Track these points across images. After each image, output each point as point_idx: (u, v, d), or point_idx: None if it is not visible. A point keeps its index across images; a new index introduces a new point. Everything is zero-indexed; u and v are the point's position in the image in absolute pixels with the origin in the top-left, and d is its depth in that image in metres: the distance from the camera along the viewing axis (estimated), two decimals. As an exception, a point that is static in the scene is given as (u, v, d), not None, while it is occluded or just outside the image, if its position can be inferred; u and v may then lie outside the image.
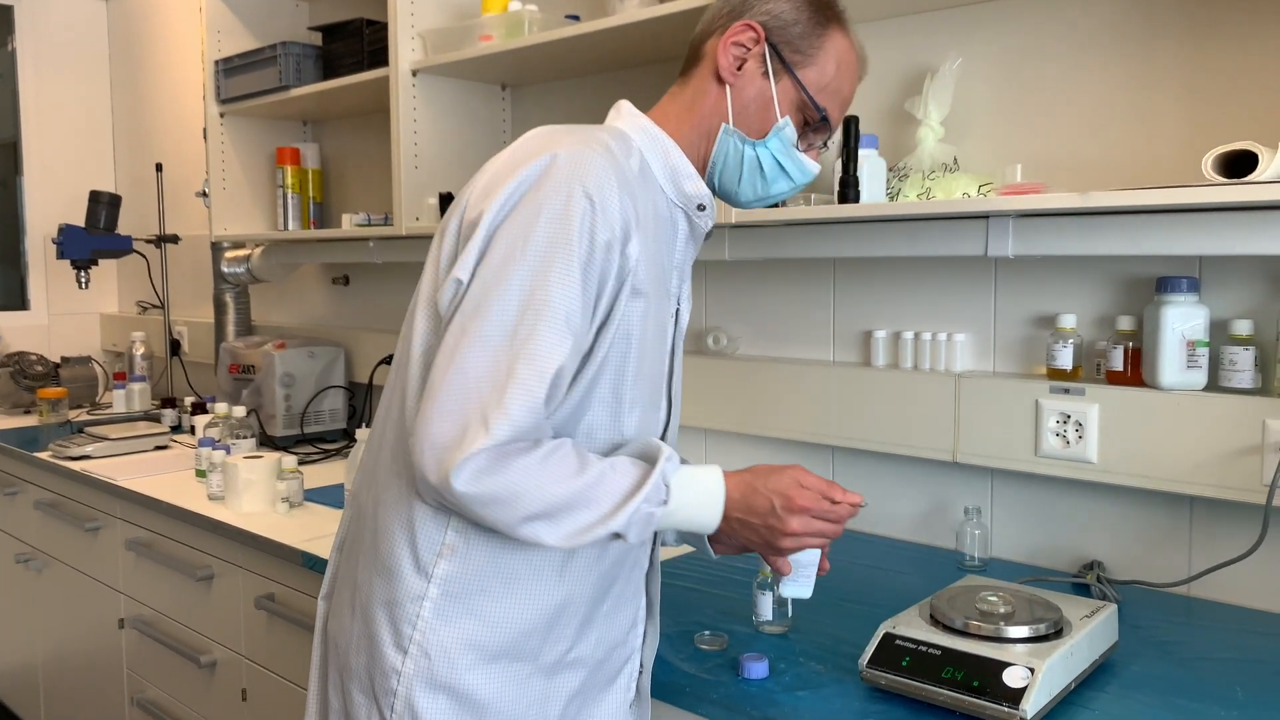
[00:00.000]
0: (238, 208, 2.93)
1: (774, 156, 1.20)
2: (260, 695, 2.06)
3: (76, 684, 2.75)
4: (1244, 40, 1.48)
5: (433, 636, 1.09)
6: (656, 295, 1.14)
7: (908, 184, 1.70)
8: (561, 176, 1.05)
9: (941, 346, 1.78)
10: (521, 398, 1.00)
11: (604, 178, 1.05)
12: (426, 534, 1.10)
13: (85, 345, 3.91)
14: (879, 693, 1.22)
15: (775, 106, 1.18)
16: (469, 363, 1.01)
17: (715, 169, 1.22)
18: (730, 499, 1.12)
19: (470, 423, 0.99)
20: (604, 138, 1.12)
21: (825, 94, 1.20)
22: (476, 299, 1.03)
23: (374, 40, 2.43)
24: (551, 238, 1.03)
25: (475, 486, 0.99)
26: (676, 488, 1.08)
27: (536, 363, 1.01)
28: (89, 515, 2.56)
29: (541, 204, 1.04)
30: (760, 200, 1.24)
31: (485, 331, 1.01)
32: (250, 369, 2.77)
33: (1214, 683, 1.26)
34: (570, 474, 1.03)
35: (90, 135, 3.93)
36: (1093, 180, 1.62)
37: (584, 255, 1.03)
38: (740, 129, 1.19)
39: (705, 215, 1.21)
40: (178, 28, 3.57)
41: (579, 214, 1.03)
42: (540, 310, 1.01)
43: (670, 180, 1.19)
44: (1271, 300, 1.49)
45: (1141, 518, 1.62)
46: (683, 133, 1.20)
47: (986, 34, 1.72)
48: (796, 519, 1.12)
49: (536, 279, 1.02)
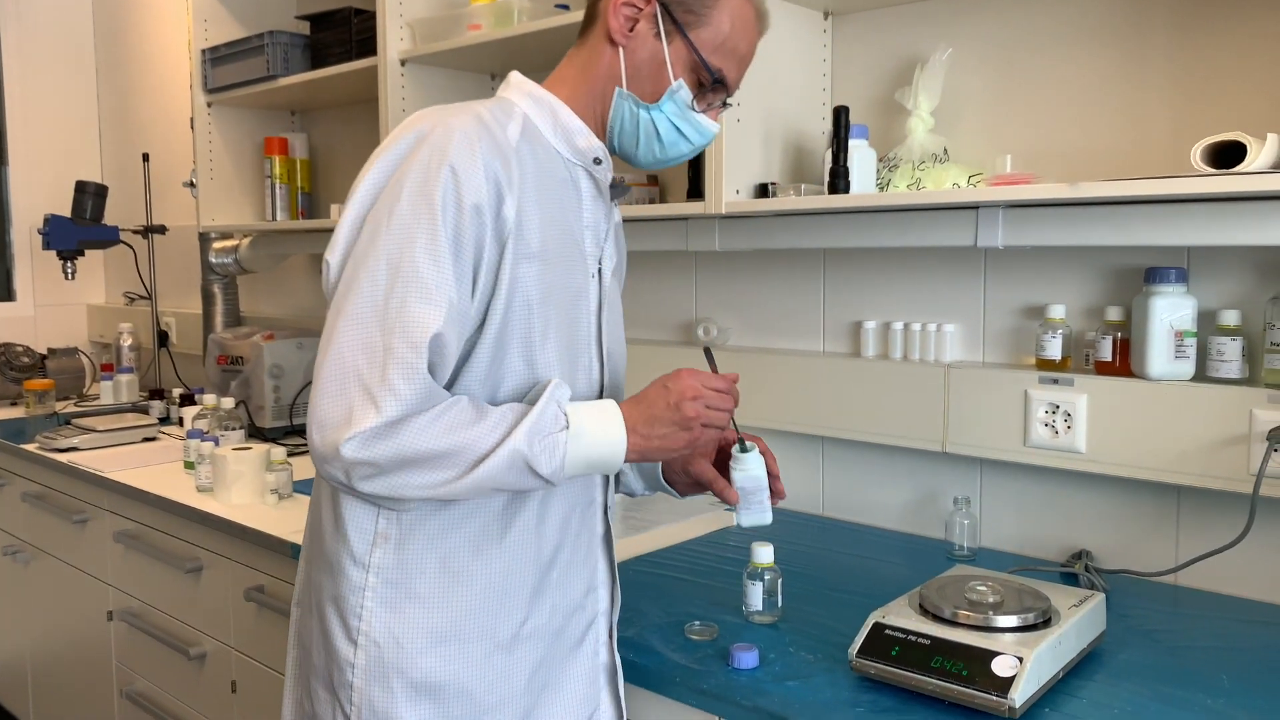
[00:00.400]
0: (225, 198, 2.92)
1: (669, 120, 1.18)
2: (250, 687, 2.05)
3: (65, 676, 2.75)
4: (1232, 31, 1.48)
5: (379, 625, 1.10)
6: (561, 257, 1.14)
7: (898, 174, 1.70)
8: (425, 151, 1.06)
9: (931, 337, 1.78)
10: (402, 371, 1.01)
11: (466, 144, 1.06)
12: (357, 525, 1.12)
13: (72, 336, 3.89)
14: (868, 682, 1.23)
15: (668, 69, 1.17)
16: (345, 343, 1.02)
17: (613, 132, 1.21)
18: (627, 414, 1.12)
19: (355, 402, 1.00)
20: (476, 108, 1.12)
21: (720, 54, 1.18)
22: (348, 280, 1.05)
23: (362, 29, 2.41)
24: (415, 210, 1.04)
25: (365, 452, 1.00)
26: (573, 412, 1.09)
27: (411, 334, 1.02)
28: (77, 507, 2.55)
29: (404, 180, 1.05)
30: (660, 163, 1.23)
31: (357, 310, 1.03)
32: (239, 360, 2.76)
33: (1201, 670, 1.26)
34: (465, 423, 1.03)
35: (76, 125, 3.90)
36: (1082, 171, 1.62)
37: (451, 223, 1.04)
38: (634, 92, 1.18)
39: (603, 169, 1.21)
40: (164, 16, 3.54)
41: (442, 183, 1.04)
42: (409, 282, 1.03)
43: (563, 139, 1.18)
44: (1259, 291, 1.50)
45: (1129, 507, 1.63)
46: (578, 95, 1.20)
47: (977, 25, 1.72)
48: (689, 383, 1.13)
49: (403, 252, 1.03)
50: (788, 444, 2.01)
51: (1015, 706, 1.10)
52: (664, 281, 2.23)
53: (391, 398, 1.00)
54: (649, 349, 2.19)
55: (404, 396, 1.01)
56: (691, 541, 1.83)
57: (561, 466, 1.07)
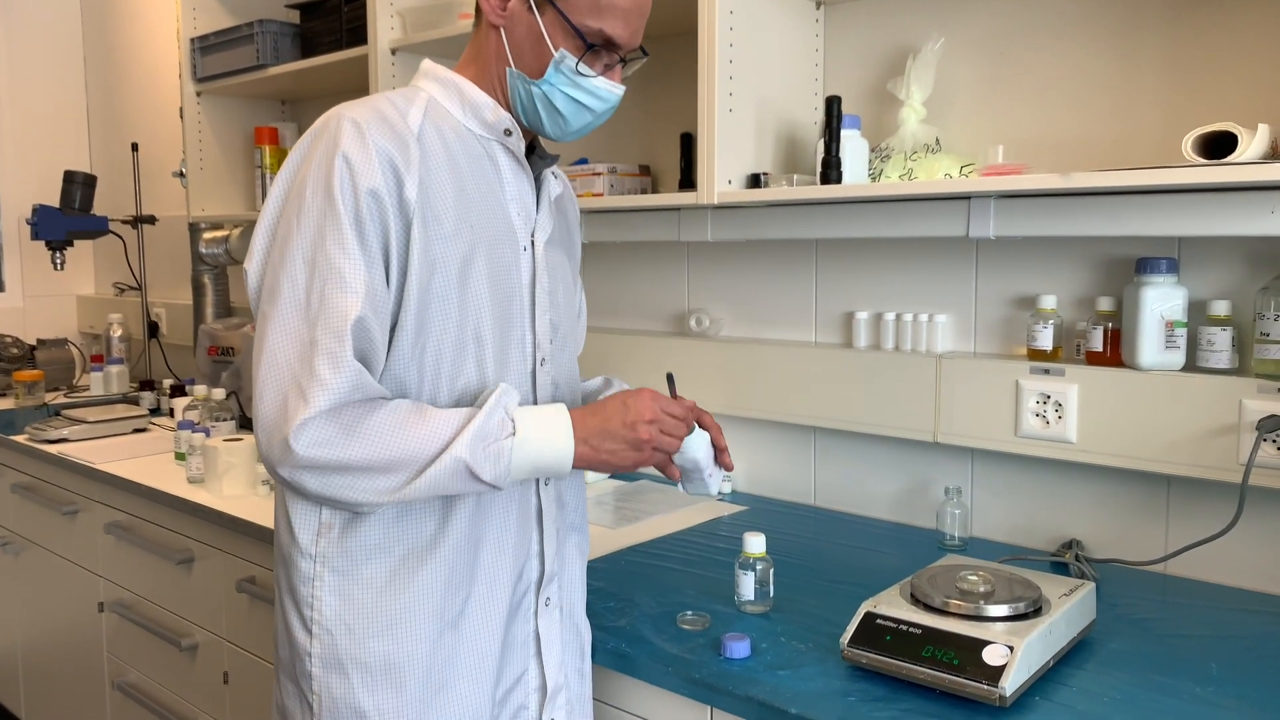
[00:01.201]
0: (215, 188, 2.90)
1: (561, 91, 1.17)
2: (242, 678, 2.05)
3: (56, 668, 2.74)
4: (1224, 22, 1.49)
5: (330, 614, 1.13)
6: (485, 233, 1.15)
7: (890, 165, 1.70)
8: (321, 147, 1.09)
9: (923, 327, 1.78)
10: (328, 361, 1.03)
11: (357, 133, 1.08)
12: (302, 517, 1.14)
13: (61, 327, 3.87)
14: (860, 671, 1.23)
15: (546, 40, 1.16)
16: (273, 344, 1.05)
17: (516, 112, 1.21)
18: (579, 422, 1.13)
19: (288, 397, 1.03)
20: (375, 99, 1.14)
21: (595, 13, 1.15)
22: (270, 284, 1.08)
23: (352, 18, 2.40)
24: (320, 206, 1.07)
25: (314, 451, 1.02)
26: (521, 418, 1.10)
27: (333, 324, 1.04)
28: (67, 499, 2.54)
29: (306, 179, 1.08)
30: (570, 134, 1.22)
31: (281, 311, 1.06)
32: (229, 351, 2.75)
33: (1190, 659, 1.27)
34: (409, 425, 1.05)
35: (64, 114, 3.87)
36: (1074, 161, 1.62)
37: (351, 212, 1.06)
38: (521, 70, 1.18)
39: (514, 139, 1.21)
40: (153, 5, 3.52)
41: (338, 175, 1.06)
42: (325, 275, 1.05)
43: (472, 115, 1.19)
44: (1249, 281, 1.50)
45: (1120, 497, 1.63)
46: (481, 79, 1.21)
47: (969, 15, 1.72)
48: (648, 405, 1.15)
49: (315, 247, 1.06)
50: (780, 434, 2.01)
51: (1006, 695, 1.10)
52: (656, 272, 2.23)
53: (319, 388, 1.02)
54: (641, 339, 2.19)
55: (331, 386, 1.03)
56: (683, 531, 1.83)
57: (507, 473, 1.09)
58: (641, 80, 2.19)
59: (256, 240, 1.12)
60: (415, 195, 1.09)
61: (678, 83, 2.03)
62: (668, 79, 2.07)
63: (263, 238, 1.12)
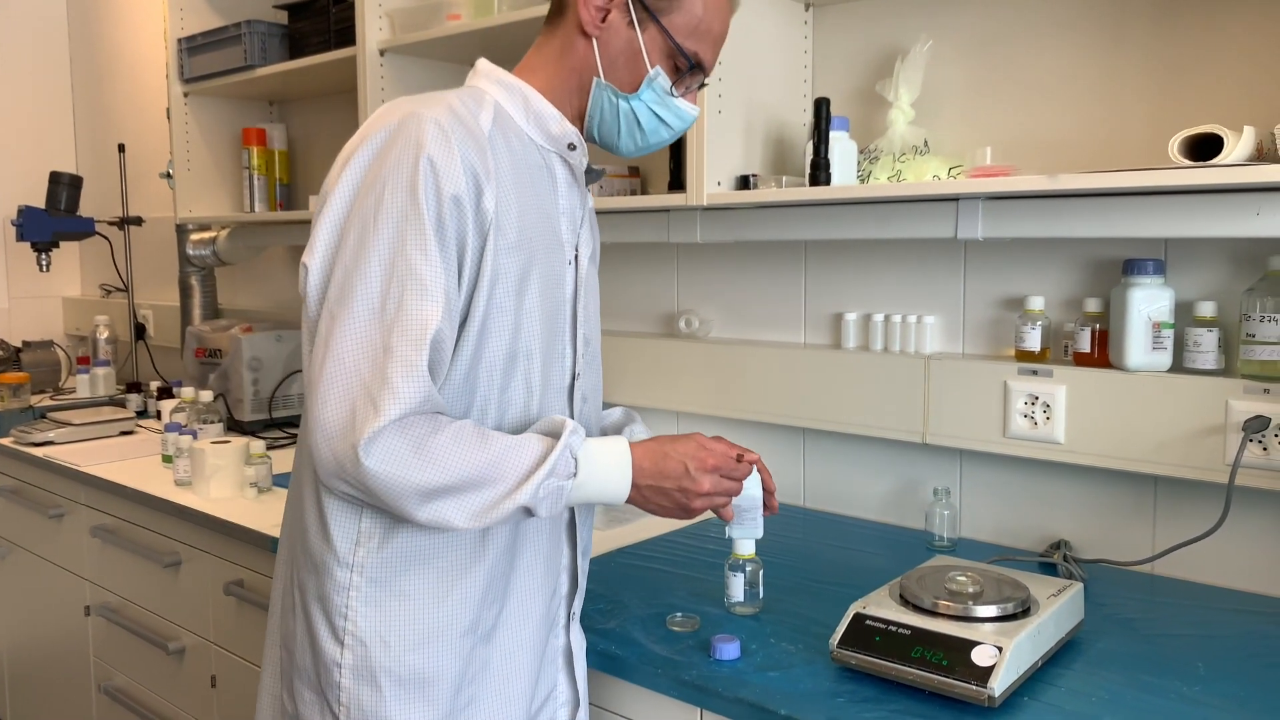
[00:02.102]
0: (203, 189, 2.89)
1: (649, 108, 1.18)
2: (229, 681, 2.04)
3: (42, 672, 2.72)
4: (1210, 24, 1.49)
5: (365, 625, 1.10)
6: (539, 245, 1.14)
7: (878, 166, 1.71)
8: (400, 145, 1.05)
9: (911, 329, 1.79)
10: (403, 370, 1.00)
11: (441, 135, 1.05)
12: (341, 525, 1.10)
13: (47, 329, 3.85)
14: (849, 672, 1.23)
15: (644, 57, 1.16)
16: (343, 347, 1.01)
17: (593, 122, 1.20)
18: (639, 468, 1.13)
19: (357, 405, 0.99)
20: (448, 98, 1.11)
21: (695, 37, 1.17)
22: (341, 283, 1.03)
23: (340, 19, 2.39)
24: (401, 208, 1.03)
25: (384, 466, 0.99)
26: (584, 460, 1.09)
27: (410, 332, 1.01)
28: (52, 502, 2.53)
29: (385, 177, 1.04)
30: (641, 150, 1.23)
31: (354, 312, 1.02)
32: (217, 353, 2.74)
33: (1177, 658, 1.28)
34: (474, 451, 1.03)
35: (50, 115, 3.85)
36: (1061, 163, 1.63)
37: (434, 217, 1.03)
38: (612, 82, 1.17)
39: (577, 154, 1.20)
40: (140, 5, 3.50)
41: (422, 178, 1.03)
42: (404, 281, 1.02)
43: (536, 126, 1.17)
44: (1235, 282, 1.51)
45: (1107, 497, 1.64)
46: (552, 86, 1.18)
47: (957, 17, 1.73)
48: (709, 478, 1.14)
49: (394, 251, 1.02)
50: (769, 435, 2.01)
51: (995, 696, 1.11)
52: (645, 273, 2.23)
53: (391, 397, 0.99)
54: (631, 340, 2.19)
55: (404, 395, 0.99)
56: (673, 533, 1.83)
57: (559, 511, 1.09)
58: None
59: (320, 235, 1.06)
60: (492, 205, 1.07)
61: (667, 84, 2.03)
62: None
63: (327, 232, 1.06)
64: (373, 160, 1.06)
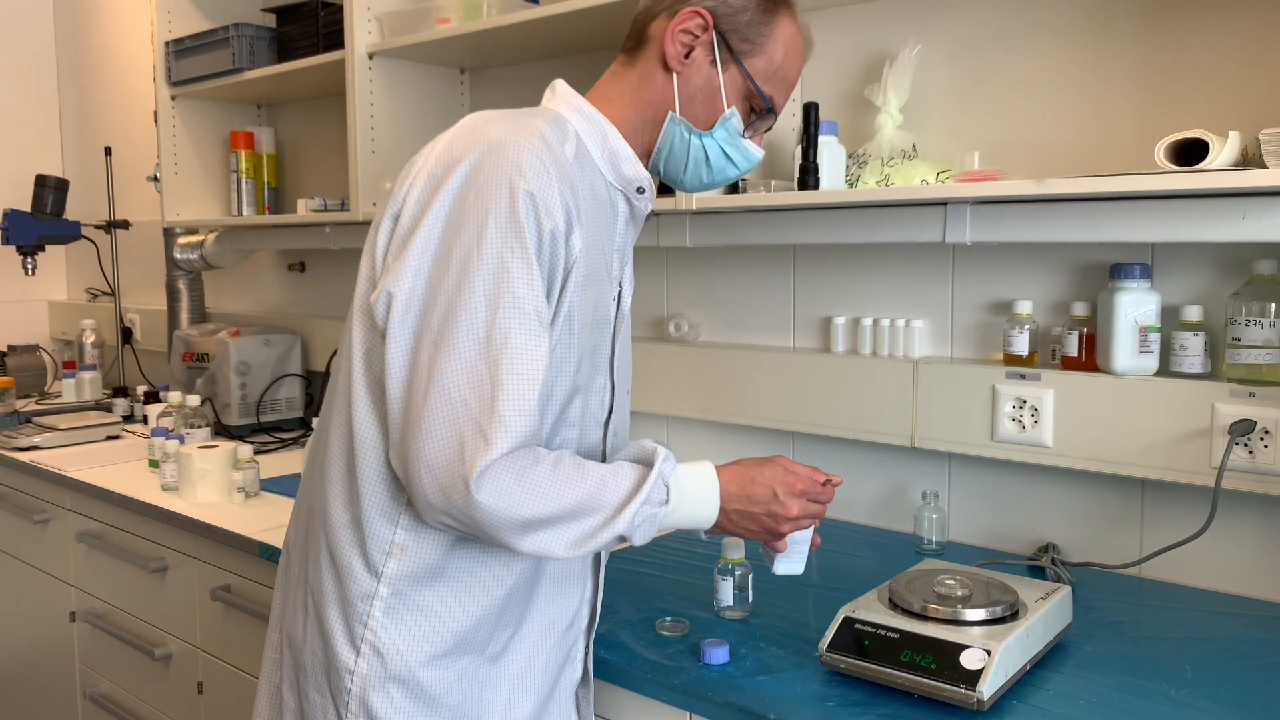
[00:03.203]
0: (190, 193, 2.88)
1: (720, 146, 1.19)
2: (216, 687, 2.03)
3: (27, 678, 2.70)
4: (1196, 30, 1.50)
5: (385, 635, 1.09)
6: (597, 281, 1.13)
7: (867, 171, 1.71)
8: (499, 175, 1.03)
9: (900, 332, 1.79)
10: (513, 403, 0.99)
11: (542, 169, 1.04)
12: (375, 533, 1.09)
13: (33, 333, 3.82)
14: (839, 676, 1.23)
15: (723, 96, 1.17)
16: (449, 379, 0.99)
17: (660, 156, 1.21)
18: (726, 492, 1.13)
19: (465, 438, 0.98)
20: (539, 126, 1.10)
21: (772, 82, 1.19)
22: (444, 314, 1.01)
23: (329, 22, 2.39)
24: (505, 239, 1.01)
25: (493, 500, 0.98)
26: (675, 486, 1.09)
27: (520, 366, 1.00)
28: (38, 507, 2.51)
29: (487, 207, 1.02)
30: (705, 187, 1.24)
31: (459, 345, 1.00)
32: (204, 357, 2.72)
33: (1164, 661, 1.28)
34: (573, 483, 1.03)
35: (36, 118, 3.83)
36: (1049, 167, 1.63)
37: (535, 247, 1.02)
38: (687, 118, 1.18)
39: (645, 198, 1.20)
40: (127, 8, 3.49)
41: (524, 211, 1.02)
42: (510, 313, 1.00)
43: (608, 163, 1.17)
44: (1221, 287, 1.52)
45: (1095, 501, 1.65)
46: (626, 117, 1.19)
47: (945, 22, 1.73)
48: (797, 502, 1.14)
49: (499, 283, 1.00)
50: (758, 439, 2.01)
51: (984, 699, 1.11)
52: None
53: (502, 429, 0.98)
54: (620, 345, 2.19)
55: (514, 428, 0.98)
56: (662, 537, 1.83)
57: (653, 536, 1.09)
58: (620, 86, 2.19)
59: (410, 258, 1.03)
60: (579, 245, 1.07)
61: (656, 88, 2.03)
62: (646, 85, 2.06)
63: (417, 257, 1.03)
64: (465, 186, 1.04)
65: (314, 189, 2.89)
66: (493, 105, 2.41)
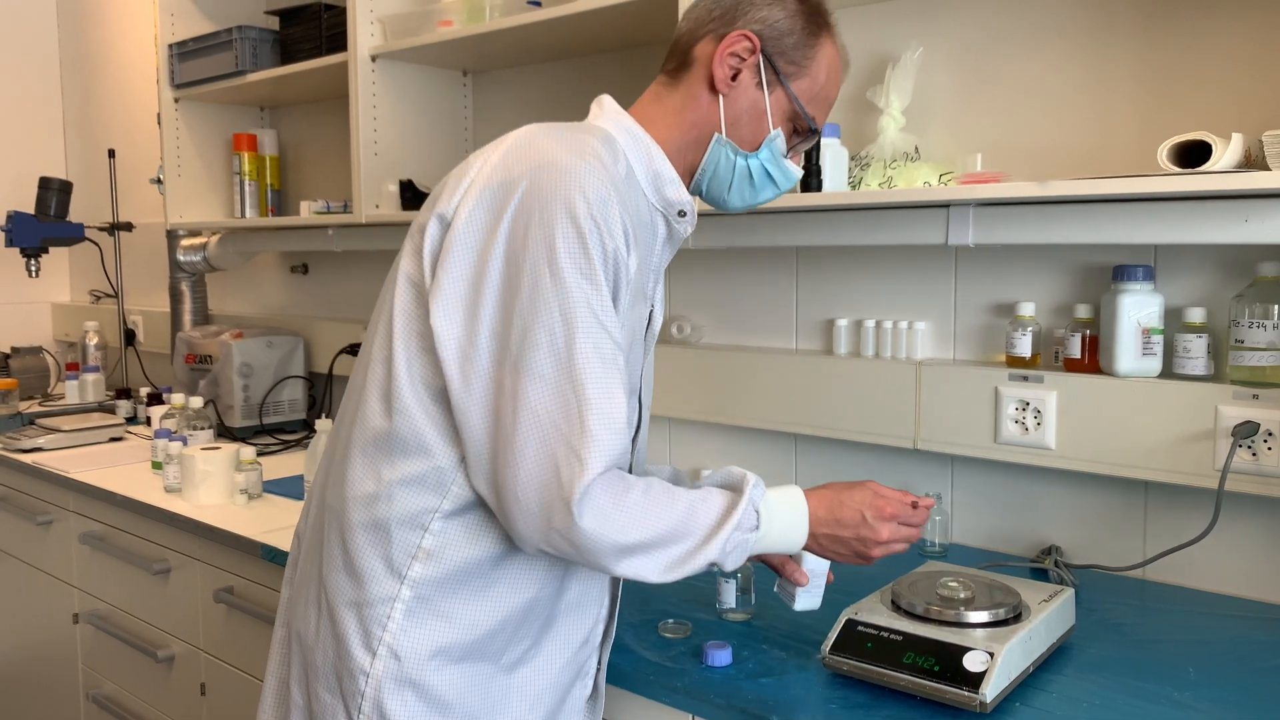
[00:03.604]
0: (193, 195, 2.88)
1: (763, 166, 1.20)
2: (219, 689, 2.03)
3: (29, 680, 2.70)
4: (1198, 31, 1.50)
5: (403, 638, 1.08)
6: (636, 300, 1.14)
7: (869, 173, 1.71)
8: (564, 195, 1.02)
9: (903, 334, 1.79)
10: (603, 421, 0.99)
11: (605, 192, 1.04)
12: (403, 537, 1.08)
13: (36, 335, 3.83)
14: (841, 678, 1.23)
15: (769, 118, 1.18)
16: (536, 402, 1.00)
17: (704, 176, 1.21)
18: (815, 517, 1.14)
19: (560, 460, 0.98)
20: (595, 146, 1.10)
21: (815, 103, 1.21)
22: (520, 336, 1.01)
23: (332, 25, 2.39)
24: (574, 259, 1.01)
25: (595, 525, 0.99)
26: (765, 511, 1.10)
27: (604, 383, 1.00)
28: (41, 509, 2.51)
29: (553, 229, 1.01)
30: (747, 206, 1.25)
31: (540, 367, 1.00)
32: (207, 359, 2.73)
33: (1167, 663, 1.28)
34: (665, 508, 1.04)
35: (40, 120, 3.83)
36: (1051, 169, 1.63)
37: (602, 267, 1.03)
38: (732, 139, 1.19)
39: (685, 222, 1.20)
40: (130, 10, 3.49)
41: (589, 231, 1.02)
42: (588, 332, 1.01)
43: (652, 184, 1.17)
44: (1224, 289, 1.52)
45: (1098, 503, 1.64)
46: (670, 138, 1.19)
47: (947, 24, 1.73)
48: (887, 526, 1.15)
49: (575, 303, 1.01)
50: (760, 441, 2.01)
51: (986, 701, 1.11)
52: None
53: (595, 448, 0.98)
54: (622, 347, 2.19)
55: (606, 446, 0.99)
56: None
57: (743, 561, 1.10)
58: (621, 88, 2.19)
59: (472, 277, 1.03)
60: (634, 267, 1.08)
61: (658, 90, 2.03)
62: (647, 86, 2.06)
63: (481, 277, 1.03)
64: (528, 207, 1.03)
65: (317, 191, 2.89)
66: (496, 107, 2.42)
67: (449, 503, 1.08)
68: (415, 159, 2.34)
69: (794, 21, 1.17)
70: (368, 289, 2.80)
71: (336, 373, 2.73)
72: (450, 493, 1.07)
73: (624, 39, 2.05)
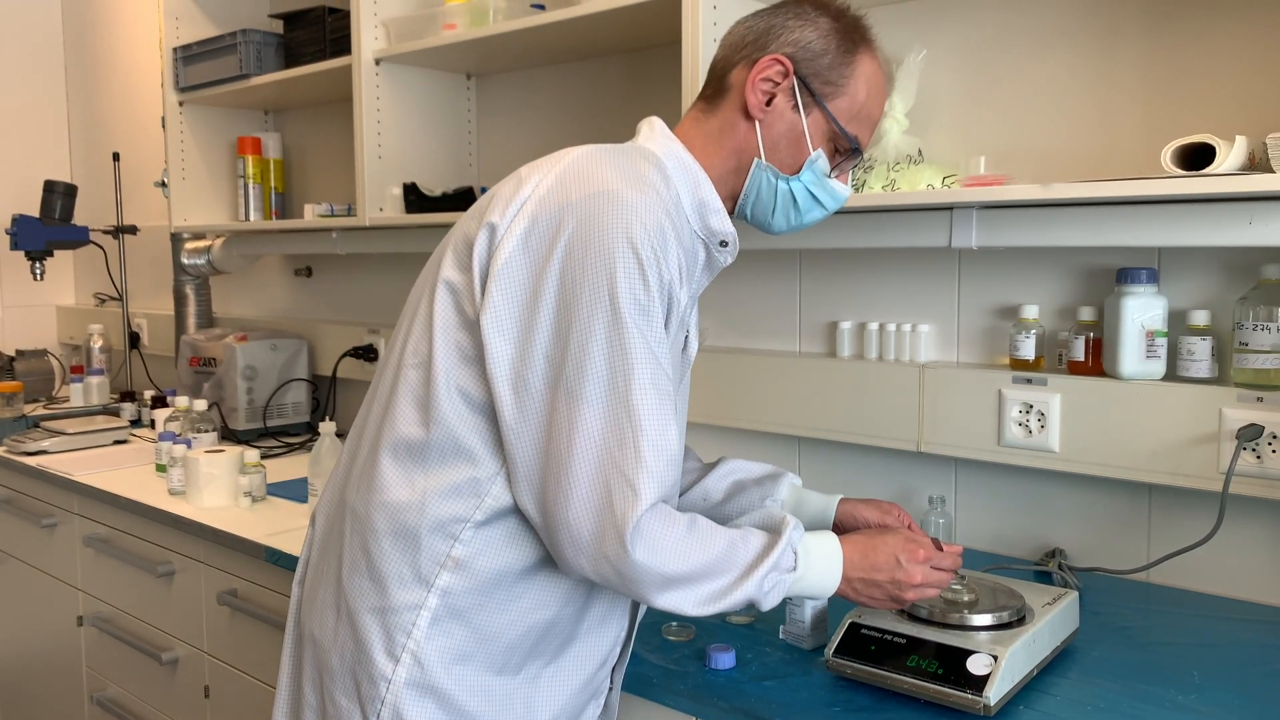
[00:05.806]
0: (198, 198, 2.89)
1: (807, 188, 1.20)
2: (223, 692, 2.03)
3: (34, 683, 2.71)
4: (1201, 34, 1.50)
5: (427, 646, 1.08)
6: (681, 328, 1.14)
7: (873, 176, 1.71)
8: (622, 225, 1.02)
9: (906, 337, 1.79)
10: (656, 451, 1.00)
11: (662, 224, 1.05)
12: (432, 545, 1.08)
13: (41, 338, 3.84)
14: (845, 682, 1.23)
15: (807, 140, 1.18)
16: (591, 428, 1.00)
17: (748, 201, 1.21)
18: (849, 561, 1.14)
19: (614, 488, 0.99)
20: (647, 174, 1.10)
21: (856, 121, 1.19)
22: (576, 364, 1.01)
23: (336, 28, 2.40)
24: (632, 290, 1.02)
25: (646, 557, 1.00)
26: (803, 554, 1.10)
27: (659, 413, 1.01)
28: (45, 511, 2.52)
29: (613, 259, 1.01)
30: (791, 229, 1.24)
31: (595, 395, 1.01)
32: (211, 362, 2.73)
33: (1172, 667, 1.28)
34: (706, 543, 1.05)
35: (44, 123, 3.84)
36: (1055, 171, 1.63)
37: (657, 295, 1.04)
38: (772, 164, 1.18)
39: (726, 252, 1.20)
40: (134, 14, 3.50)
41: (648, 262, 1.02)
42: (643, 363, 1.01)
43: (697, 212, 1.17)
44: (1228, 291, 1.52)
45: (1102, 506, 1.64)
46: (711, 165, 1.19)
47: (950, 26, 1.73)
48: (920, 569, 1.15)
49: (629, 332, 1.01)
50: (764, 444, 2.01)
51: (990, 704, 1.11)
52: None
53: (648, 477, 0.99)
54: (626, 350, 2.19)
55: (658, 475, 1.00)
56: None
57: (778, 602, 1.10)
58: (625, 91, 2.19)
59: (526, 301, 1.03)
60: (684, 298, 1.08)
61: (662, 93, 2.04)
62: (651, 90, 2.07)
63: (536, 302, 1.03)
64: (585, 236, 1.03)
65: (321, 194, 2.90)
66: (498, 110, 2.42)
67: (481, 513, 1.08)
68: (419, 162, 2.34)
69: (828, 41, 1.17)
70: (372, 292, 2.80)
71: (340, 376, 2.73)
72: (484, 504, 1.08)
73: (628, 43, 2.05)
